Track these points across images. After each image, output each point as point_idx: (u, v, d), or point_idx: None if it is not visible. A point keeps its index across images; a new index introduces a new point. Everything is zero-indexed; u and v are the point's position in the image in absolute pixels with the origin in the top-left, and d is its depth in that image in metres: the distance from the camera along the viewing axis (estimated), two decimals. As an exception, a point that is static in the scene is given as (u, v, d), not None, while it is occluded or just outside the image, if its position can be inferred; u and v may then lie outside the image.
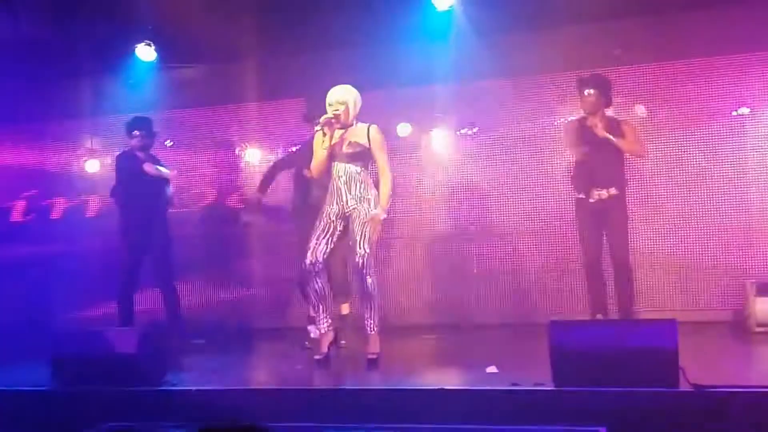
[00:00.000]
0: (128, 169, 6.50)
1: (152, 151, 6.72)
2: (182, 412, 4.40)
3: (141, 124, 6.59)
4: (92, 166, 8.49)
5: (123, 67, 7.69)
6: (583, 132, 5.88)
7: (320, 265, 5.21)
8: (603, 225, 5.85)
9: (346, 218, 5.21)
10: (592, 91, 5.82)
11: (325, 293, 5.31)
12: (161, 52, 7.59)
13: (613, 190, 5.76)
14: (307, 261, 5.19)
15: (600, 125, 5.74)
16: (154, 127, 6.70)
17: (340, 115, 5.13)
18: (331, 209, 5.22)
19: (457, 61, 6.90)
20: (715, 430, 3.72)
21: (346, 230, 5.23)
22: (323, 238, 5.20)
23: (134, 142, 6.56)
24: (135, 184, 6.48)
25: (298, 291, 6.30)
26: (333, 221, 5.21)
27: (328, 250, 5.23)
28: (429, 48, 6.98)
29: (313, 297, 5.29)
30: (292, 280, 6.52)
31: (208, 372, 5.57)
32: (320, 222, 5.23)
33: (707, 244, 6.94)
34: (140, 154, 6.53)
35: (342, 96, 5.18)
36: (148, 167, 6.41)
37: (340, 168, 5.21)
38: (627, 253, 5.80)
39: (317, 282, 5.23)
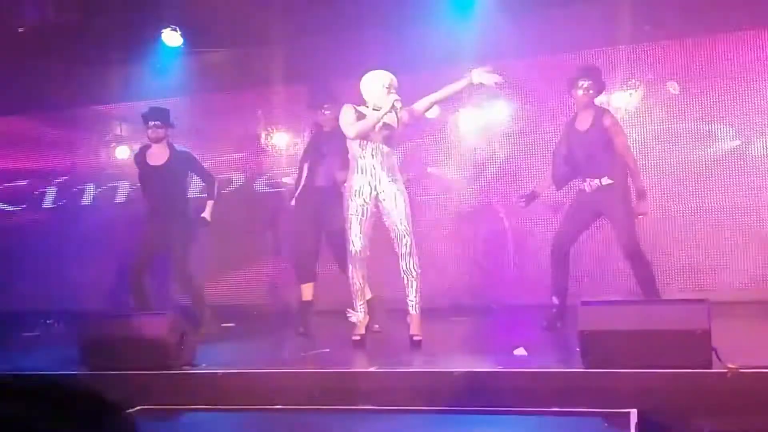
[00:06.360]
0: (141, 164, 6.47)
1: (170, 139, 6.55)
2: (210, 395, 4.42)
3: (157, 114, 6.46)
4: (121, 152, 8.54)
5: (149, 52, 7.71)
6: (569, 131, 5.68)
7: (368, 250, 5.23)
8: (597, 216, 5.71)
9: (376, 199, 5.20)
10: (586, 82, 5.49)
11: (366, 278, 5.33)
12: (187, 37, 7.59)
13: (606, 180, 5.48)
14: (357, 248, 5.19)
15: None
16: (171, 117, 6.53)
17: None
18: (362, 189, 5.20)
19: (482, 40, 6.81)
20: (748, 411, 3.65)
21: (377, 210, 5.23)
22: (365, 221, 5.21)
23: (149, 132, 6.43)
24: (149, 179, 6.43)
25: (296, 271, 6.18)
26: (367, 202, 5.20)
27: (370, 233, 5.25)
28: (454, 28, 6.90)
29: (358, 282, 5.29)
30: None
31: (238, 355, 5.59)
32: (353, 204, 5.20)
33: (743, 223, 6.81)
34: (154, 145, 6.43)
35: (393, 79, 5.21)
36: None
37: (374, 147, 5.20)
38: (635, 241, 5.50)
39: (364, 267, 5.26)
